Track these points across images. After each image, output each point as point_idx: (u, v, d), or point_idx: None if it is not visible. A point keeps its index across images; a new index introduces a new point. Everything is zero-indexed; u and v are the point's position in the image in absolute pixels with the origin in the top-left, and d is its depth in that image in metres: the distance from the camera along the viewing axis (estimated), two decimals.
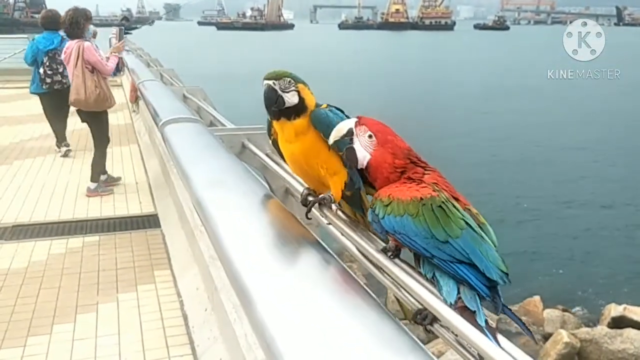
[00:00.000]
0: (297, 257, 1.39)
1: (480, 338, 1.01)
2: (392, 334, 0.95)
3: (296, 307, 1.08)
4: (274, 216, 1.65)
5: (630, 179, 19.29)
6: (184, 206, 4.54)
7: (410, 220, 1.37)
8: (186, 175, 1.86)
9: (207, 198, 1.68)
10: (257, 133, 2.30)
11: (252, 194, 1.72)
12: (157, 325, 3.38)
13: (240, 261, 1.38)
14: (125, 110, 10.78)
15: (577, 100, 34.08)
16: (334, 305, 1.07)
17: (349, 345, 0.91)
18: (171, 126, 2.57)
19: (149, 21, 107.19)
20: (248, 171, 1.90)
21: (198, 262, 3.84)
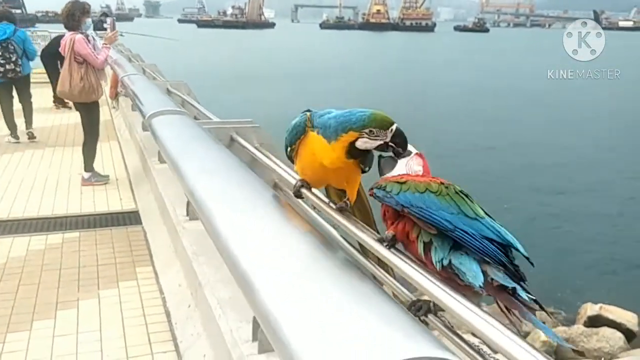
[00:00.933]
0: (302, 247, 1.38)
1: (486, 326, 1.01)
2: (398, 318, 0.94)
3: (301, 292, 1.07)
4: (272, 205, 1.65)
5: (611, 180, 19.56)
6: (166, 202, 4.50)
7: (434, 196, 1.36)
8: (177, 166, 1.85)
9: (201, 188, 1.67)
10: (246, 127, 2.29)
11: (247, 184, 1.71)
12: (139, 321, 3.34)
13: (241, 250, 1.36)
14: (104, 106, 10.67)
15: (563, 100, 34.43)
16: (338, 293, 1.06)
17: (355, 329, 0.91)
18: (158, 118, 2.55)
19: (129, 18, 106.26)
20: (241, 162, 1.89)
21: (180, 259, 3.81)
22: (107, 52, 6.19)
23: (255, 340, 2.37)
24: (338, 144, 1.57)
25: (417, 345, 0.78)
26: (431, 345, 0.78)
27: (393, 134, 1.53)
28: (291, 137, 1.72)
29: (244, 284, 1.22)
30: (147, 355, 2.99)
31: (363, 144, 1.54)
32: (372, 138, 1.53)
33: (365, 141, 1.54)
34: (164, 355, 2.99)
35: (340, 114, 1.61)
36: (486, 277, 1.23)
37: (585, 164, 21.95)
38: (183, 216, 4.06)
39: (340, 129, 1.58)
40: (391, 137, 1.53)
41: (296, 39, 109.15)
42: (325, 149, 1.60)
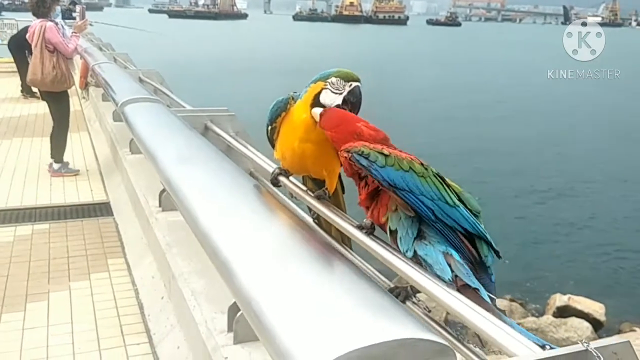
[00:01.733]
0: (282, 233, 1.37)
1: (462, 307, 1.02)
2: (381, 301, 0.94)
3: (282, 278, 1.06)
4: (252, 194, 1.64)
5: (585, 171, 19.88)
6: (138, 193, 4.45)
7: (417, 178, 1.35)
8: (152, 154, 1.82)
9: (178, 176, 1.64)
10: (220, 115, 2.27)
11: (225, 172, 1.70)
12: (111, 313, 3.30)
13: (221, 238, 1.35)
14: (74, 96, 10.48)
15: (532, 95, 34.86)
16: (319, 277, 1.06)
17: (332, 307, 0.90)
18: (132, 106, 2.51)
19: (98, 7, 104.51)
20: (218, 151, 1.87)
21: (153, 250, 3.77)
22: (77, 40, 6.08)
23: (230, 331, 2.36)
24: (307, 95, 1.60)
25: (402, 327, 0.78)
26: (416, 327, 0.78)
27: (351, 90, 1.56)
28: (271, 114, 1.72)
29: (224, 271, 1.21)
30: (119, 347, 2.96)
31: (324, 96, 1.57)
32: (333, 90, 1.56)
33: (326, 93, 1.57)
34: (137, 347, 2.96)
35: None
36: (452, 272, 1.25)
37: (553, 154, 22.30)
38: (155, 207, 4.02)
39: (312, 82, 1.62)
40: (348, 92, 1.56)
41: (270, 31, 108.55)
42: (299, 109, 1.63)
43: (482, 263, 1.33)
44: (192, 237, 3.53)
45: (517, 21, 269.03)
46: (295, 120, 1.66)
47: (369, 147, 1.44)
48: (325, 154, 1.62)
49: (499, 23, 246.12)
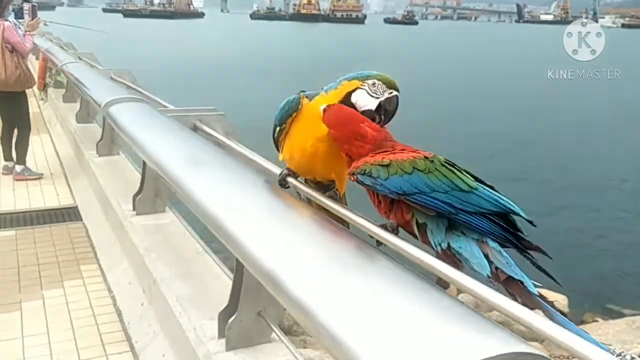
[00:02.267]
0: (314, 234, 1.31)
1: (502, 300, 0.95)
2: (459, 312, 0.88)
3: (344, 285, 0.99)
4: (272, 193, 1.58)
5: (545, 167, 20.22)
6: (109, 197, 4.33)
7: (424, 176, 1.31)
8: (153, 155, 1.73)
9: (189, 177, 1.56)
10: (209, 114, 2.20)
11: (236, 172, 1.63)
12: (89, 322, 3.19)
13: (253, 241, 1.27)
14: (32, 98, 10.15)
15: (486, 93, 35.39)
16: (383, 281, 0.99)
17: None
18: (118, 107, 2.41)
19: (50, 6, 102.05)
20: (222, 150, 1.80)
21: (129, 255, 3.67)
22: (32, 39, 5.92)
23: (222, 337, 2.30)
24: (336, 92, 1.54)
25: (500, 341, 0.72)
26: (513, 340, 0.72)
27: (389, 97, 1.50)
28: (282, 114, 1.64)
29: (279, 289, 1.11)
30: (101, 357, 2.85)
31: (358, 96, 1.51)
32: (371, 92, 1.50)
33: (361, 94, 1.51)
34: (119, 356, 2.86)
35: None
36: (491, 265, 1.21)
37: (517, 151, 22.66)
38: (129, 211, 3.91)
39: (345, 79, 1.56)
40: (386, 98, 1.50)
41: (227, 29, 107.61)
42: (322, 102, 1.56)
43: (519, 238, 1.30)
44: (172, 241, 3.48)
45: (472, 19, 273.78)
46: (311, 119, 1.59)
47: (370, 162, 1.40)
48: (337, 155, 1.56)
49: (454, 21, 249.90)
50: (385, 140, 1.49)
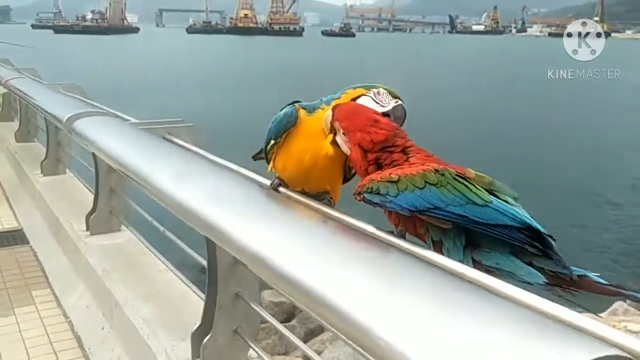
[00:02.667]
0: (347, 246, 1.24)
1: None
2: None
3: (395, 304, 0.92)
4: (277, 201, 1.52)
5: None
6: (60, 218, 4.14)
7: (436, 190, 1.25)
8: (138, 170, 1.63)
9: (177, 189, 1.48)
10: (178, 126, 2.12)
11: (232, 181, 1.56)
12: (46, 350, 3.01)
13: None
14: None
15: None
16: (434, 295, 0.93)
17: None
18: (83, 120, 2.28)
19: None
20: (207, 160, 1.72)
21: (85, 278, 3.50)
22: None
23: (196, 358, 2.21)
24: (340, 100, 1.50)
25: (587, 347, 0.67)
26: (596, 343, 0.68)
27: (395, 106, 1.47)
28: (279, 128, 1.57)
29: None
30: None
31: (363, 102, 1.47)
32: (377, 100, 1.46)
33: (366, 100, 1.47)
34: None
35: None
36: (542, 271, 1.16)
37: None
38: (82, 231, 3.76)
39: (348, 88, 1.52)
40: (393, 107, 1.47)
41: (163, 44, 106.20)
42: (321, 118, 1.51)
43: (549, 248, 1.23)
44: (132, 260, 3.35)
45: (407, 31, 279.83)
46: (309, 133, 1.54)
47: (377, 179, 1.34)
48: (334, 169, 1.52)
49: (390, 33, 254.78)
50: (397, 134, 1.44)
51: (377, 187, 1.32)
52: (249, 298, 2.38)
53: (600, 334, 0.72)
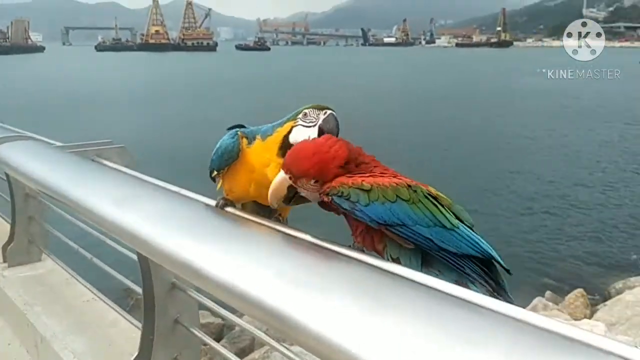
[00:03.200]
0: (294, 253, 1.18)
1: None
2: None
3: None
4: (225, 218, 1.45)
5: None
6: None
7: (407, 206, 1.21)
8: (74, 198, 1.51)
9: (115, 212, 1.37)
10: (108, 148, 2.00)
11: (176, 201, 1.47)
12: None
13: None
14: None
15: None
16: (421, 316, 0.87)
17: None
18: (4, 146, 2.09)
19: None
20: (147, 182, 1.63)
21: (4, 313, 3.26)
22: None
23: None
24: (273, 139, 1.46)
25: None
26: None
27: (325, 118, 1.44)
28: (220, 162, 1.51)
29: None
30: None
31: (295, 133, 1.43)
32: (306, 123, 1.42)
33: (297, 130, 1.43)
34: None
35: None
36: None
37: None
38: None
39: (278, 124, 1.47)
40: (322, 120, 1.43)
41: (70, 63, 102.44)
42: (261, 152, 1.47)
43: (500, 287, 1.22)
44: (56, 291, 3.16)
45: (321, 44, 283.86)
46: (252, 165, 1.49)
47: (348, 184, 1.28)
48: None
49: (305, 46, 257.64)
50: (359, 154, 1.39)
51: (348, 192, 1.26)
52: (188, 323, 2.28)
53: (598, 345, 0.71)
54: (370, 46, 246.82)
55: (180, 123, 28.54)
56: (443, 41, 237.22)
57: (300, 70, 73.71)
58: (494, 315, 0.80)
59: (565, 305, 9.45)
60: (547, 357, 0.67)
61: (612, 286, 10.48)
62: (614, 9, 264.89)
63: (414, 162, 18.88)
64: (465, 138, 26.06)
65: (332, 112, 1.46)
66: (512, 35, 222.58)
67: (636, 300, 8.91)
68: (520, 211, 15.17)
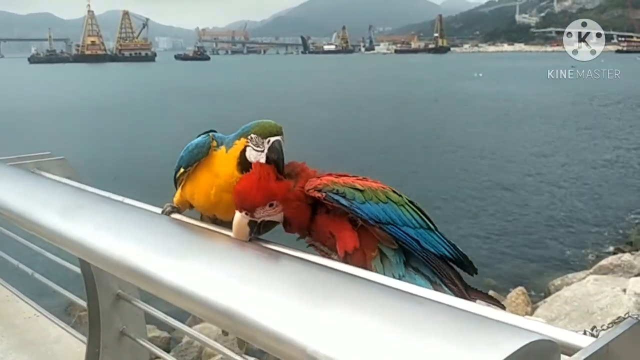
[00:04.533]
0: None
1: None
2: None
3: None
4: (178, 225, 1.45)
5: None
6: None
7: (397, 208, 1.28)
8: (19, 210, 1.48)
9: (61, 224, 1.35)
10: (47, 160, 1.97)
11: (128, 211, 1.47)
12: None
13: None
14: None
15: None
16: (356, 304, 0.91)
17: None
18: None
19: None
20: (84, 192, 1.62)
21: None
22: None
23: None
24: (233, 150, 1.47)
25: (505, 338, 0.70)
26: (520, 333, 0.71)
27: (270, 147, 1.44)
28: (190, 158, 1.52)
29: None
30: None
31: (249, 154, 1.45)
32: (255, 147, 1.44)
33: (250, 151, 1.44)
34: None
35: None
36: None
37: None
38: None
39: (236, 136, 1.48)
40: (267, 149, 1.44)
41: (2, 75, 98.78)
42: (224, 161, 1.48)
43: (467, 286, 1.33)
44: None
45: (262, 52, 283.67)
46: (217, 170, 1.49)
47: (340, 183, 1.31)
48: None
49: (245, 55, 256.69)
50: (297, 173, 1.42)
51: (343, 190, 1.29)
52: (135, 334, 2.26)
53: (523, 325, 0.78)
54: (310, 54, 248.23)
55: (121, 136, 27.92)
56: (382, 48, 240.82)
57: (241, 80, 73.31)
58: (431, 304, 0.87)
59: (507, 303, 9.73)
60: (479, 335, 0.73)
61: (551, 283, 10.87)
62: (545, 15, 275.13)
63: (353, 168, 18.99)
64: (405, 142, 26.50)
65: (278, 138, 1.47)
66: (449, 41, 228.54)
67: (573, 295, 9.27)
68: (459, 213, 15.52)
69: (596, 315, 8.43)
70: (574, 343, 0.78)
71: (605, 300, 8.65)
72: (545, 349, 0.70)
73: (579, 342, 0.78)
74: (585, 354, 0.74)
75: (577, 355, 0.74)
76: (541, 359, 0.70)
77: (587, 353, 0.74)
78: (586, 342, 0.77)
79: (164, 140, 25.95)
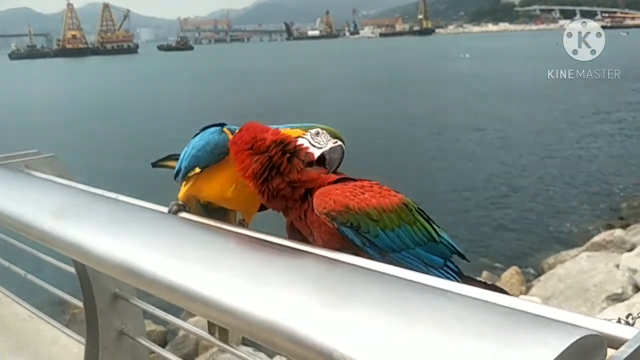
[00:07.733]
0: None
1: None
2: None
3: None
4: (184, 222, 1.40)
5: None
6: None
7: (410, 229, 1.18)
8: (9, 211, 1.41)
9: (56, 223, 1.29)
10: (36, 158, 1.89)
11: (130, 210, 1.41)
12: None
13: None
14: None
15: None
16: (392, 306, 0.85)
17: None
18: None
19: None
20: (79, 190, 1.55)
21: None
22: None
23: None
24: None
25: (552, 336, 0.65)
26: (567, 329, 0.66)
27: (333, 147, 1.37)
28: (210, 158, 1.43)
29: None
30: None
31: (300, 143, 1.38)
32: (313, 141, 1.36)
33: (303, 142, 1.38)
34: None
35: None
36: None
37: None
38: None
39: (287, 127, 1.40)
40: (330, 148, 1.37)
41: None
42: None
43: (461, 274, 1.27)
44: None
45: (245, 40, 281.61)
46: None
47: (354, 208, 1.16)
48: (255, 201, 1.43)
49: (229, 43, 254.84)
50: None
51: (357, 222, 1.16)
52: (134, 333, 2.22)
53: (567, 320, 0.73)
54: (294, 40, 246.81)
55: (107, 131, 27.70)
56: (367, 32, 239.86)
57: (226, 68, 72.85)
58: (464, 300, 0.82)
59: (502, 283, 9.78)
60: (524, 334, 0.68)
61: (544, 261, 10.93)
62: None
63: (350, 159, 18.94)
64: (394, 126, 26.50)
65: (343, 145, 1.41)
66: (433, 23, 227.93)
67: (567, 273, 9.33)
68: (451, 194, 15.53)
69: (590, 292, 8.49)
70: (617, 335, 0.74)
71: (599, 276, 8.70)
72: (593, 344, 0.66)
73: (621, 333, 0.74)
74: (633, 346, 0.69)
75: (624, 349, 0.69)
76: (589, 354, 0.66)
77: (634, 345, 0.69)
78: (630, 333, 0.73)
79: (154, 136, 25.79)
